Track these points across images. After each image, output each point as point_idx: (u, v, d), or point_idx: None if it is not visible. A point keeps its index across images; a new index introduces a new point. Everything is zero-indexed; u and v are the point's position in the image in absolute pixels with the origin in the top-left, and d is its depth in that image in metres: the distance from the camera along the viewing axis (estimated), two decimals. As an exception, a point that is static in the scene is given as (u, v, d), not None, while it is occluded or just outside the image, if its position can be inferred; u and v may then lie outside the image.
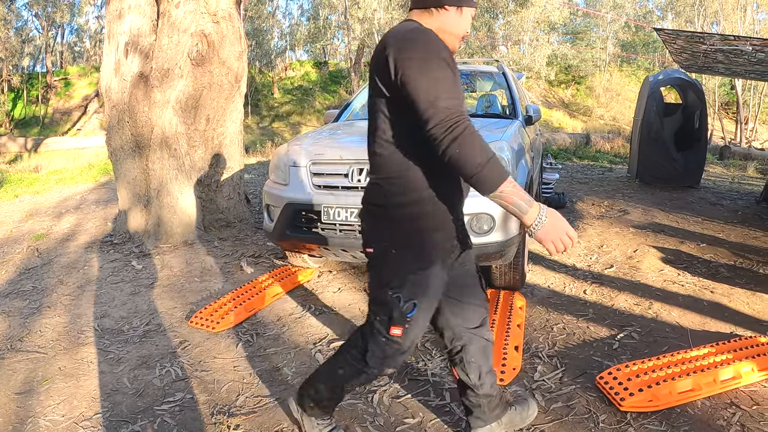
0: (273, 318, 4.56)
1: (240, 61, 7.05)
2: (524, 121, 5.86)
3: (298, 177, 4.75)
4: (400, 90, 2.17)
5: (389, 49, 2.18)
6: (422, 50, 2.14)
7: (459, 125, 2.09)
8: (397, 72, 2.15)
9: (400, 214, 2.35)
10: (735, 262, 6.13)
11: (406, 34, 2.22)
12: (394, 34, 2.24)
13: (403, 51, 2.16)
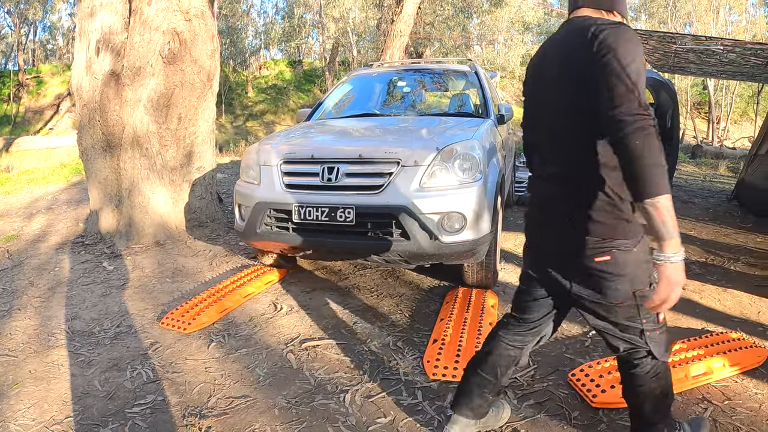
0: (245, 318, 4.54)
1: (212, 59, 7.00)
2: (496, 121, 5.85)
3: (269, 176, 4.74)
4: (596, 80, 2.10)
5: (604, 43, 2.10)
6: (635, 48, 2.10)
7: (649, 120, 2.01)
8: (605, 62, 2.07)
9: (620, 214, 2.29)
10: (706, 260, 6.20)
11: (616, 28, 2.14)
12: (602, 29, 2.14)
13: (620, 44, 2.08)
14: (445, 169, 4.39)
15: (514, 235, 7.05)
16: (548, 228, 2.50)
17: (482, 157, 4.55)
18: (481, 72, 6.61)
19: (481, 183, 4.43)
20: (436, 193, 4.29)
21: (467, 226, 4.30)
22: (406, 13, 13.67)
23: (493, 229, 4.64)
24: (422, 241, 4.23)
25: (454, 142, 4.55)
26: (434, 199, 4.26)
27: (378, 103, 6.83)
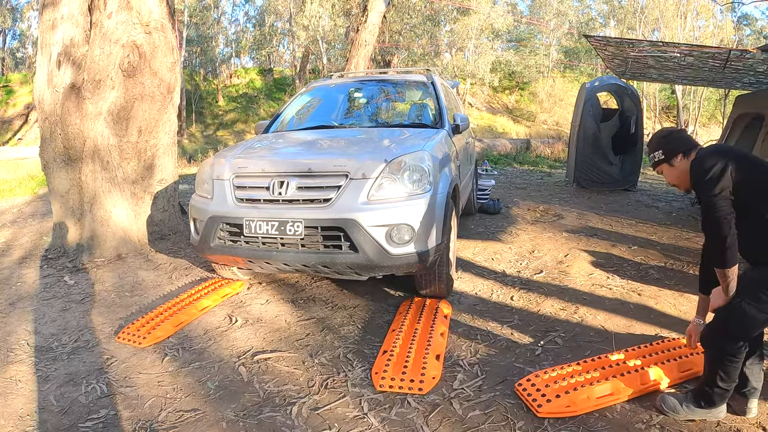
0: (200, 332, 4.53)
1: (172, 72, 7.01)
2: (451, 130, 5.91)
3: (221, 190, 4.76)
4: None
5: None
6: None
7: None
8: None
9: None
10: (665, 264, 6.23)
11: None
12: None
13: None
14: (393, 181, 4.42)
15: (474, 243, 7.07)
16: None
17: (431, 168, 4.57)
18: (437, 82, 6.61)
19: (430, 194, 4.46)
20: (384, 206, 4.31)
21: (416, 237, 4.33)
22: (371, 23, 13.70)
23: (444, 240, 4.66)
24: (370, 253, 4.24)
25: (403, 154, 4.58)
26: (382, 211, 4.28)
27: (335, 115, 6.80)
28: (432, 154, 4.76)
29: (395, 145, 4.91)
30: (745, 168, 2.84)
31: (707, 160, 2.88)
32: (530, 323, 4.57)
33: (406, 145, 4.89)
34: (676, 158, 3.10)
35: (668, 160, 3.13)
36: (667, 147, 3.13)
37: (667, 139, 3.16)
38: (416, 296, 5.06)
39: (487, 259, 6.40)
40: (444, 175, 4.89)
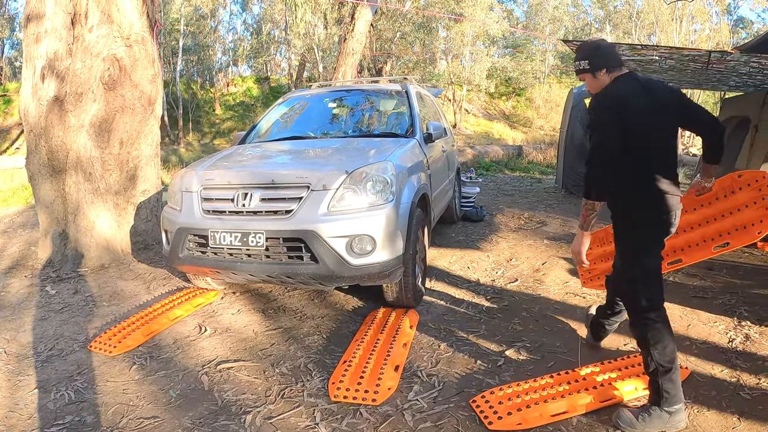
0: (169, 341, 4.55)
1: (153, 84, 7.06)
2: (423, 139, 5.92)
3: (189, 202, 4.81)
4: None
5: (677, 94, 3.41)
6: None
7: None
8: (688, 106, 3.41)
9: None
10: (647, 273, 6.20)
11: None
12: (667, 87, 3.40)
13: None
14: (354, 192, 4.43)
15: (451, 252, 7.03)
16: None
17: (394, 178, 4.60)
18: (412, 91, 6.60)
19: (392, 205, 4.48)
20: (344, 217, 4.33)
21: (377, 248, 4.34)
22: (358, 31, 13.65)
23: (410, 250, 4.69)
24: (330, 263, 4.25)
25: (365, 164, 4.59)
26: (342, 222, 4.30)
27: (308, 126, 6.78)
28: (397, 164, 4.78)
29: (359, 156, 4.92)
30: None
31: (609, 93, 3.17)
32: (497, 333, 4.52)
33: (371, 156, 4.90)
34: (600, 72, 3.22)
35: (593, 71, 3.24)
36: (594, 60, 3.24)
37: (596, 53, 3.26)
38: (384, 306, 5.05)
39: (462, 268, 6.36)
40: (410, 185, 4.89)
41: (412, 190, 4.90)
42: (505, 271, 6.25)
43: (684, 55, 6.67)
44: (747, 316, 4.82)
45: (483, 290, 5.62)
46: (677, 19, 35.63)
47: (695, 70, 7.40)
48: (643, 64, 7.61)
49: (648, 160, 3.15)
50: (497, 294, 5.49)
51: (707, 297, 5.35)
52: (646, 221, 3.20)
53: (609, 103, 3.09)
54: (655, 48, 6.77)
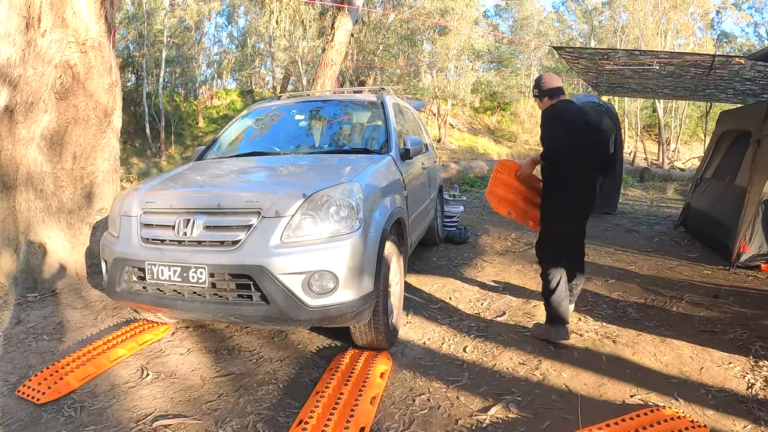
0: (106, 387, 3.96)
1: (110, 93, 6.56)
2: (399, 156, 5.31)
3: (127, 228, 4.19)
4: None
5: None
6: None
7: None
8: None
9: None
10: (645, 300, 5.59)
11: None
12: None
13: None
14: (312, 219, 3.80)
15: (432, 280, 6.41)
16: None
17: (361, 202, 3.95)
18: (388, 103, 5.97)
19: (359, 234, 3.84)
20: (300, 249, 3.70)
21: (340, 286, 3.70)
22: (337, 41, 13.14)
23: (381, 286, 4.06)
24: (283, 305, 3.64)
25: (327, 187, 3.95)
26: (297, 255, 3.67)
27: (272, 140, 6.15)
28: (366, 185, 4.14)
29: (322, 176, 4.31)
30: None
31: (554, 111, 4.61)
32: (482, 382, 3.87)
33: (335, 176, 4.27)
34: (545, 98, 4.71)
35: (541, 98, 4.75)
36: (541, 90, 4.73)
37: (543, 85, 4.73)
38: (354, 348, 4.38)
39: (444, 299, 5.71)
40: (381, 209, 4.27)
41: (384, 215, 4.28)
42: (492, 302, 5.61)
43: (685, 61, 6.06)
44: (763, 353, 4.27)
45: (467, 326, 4.97)
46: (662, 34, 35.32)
47: (695, 75, 6.80)
48: (640, 71, 6.99)
49: (574, 160, 4.48)
50: (482, 331, 4.85)
51: (717, 331, 4.77)
52: (562, 201, 4.60)
53: (556, 113, 4.59)
54: (654, 54, 6.16)
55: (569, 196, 4.53)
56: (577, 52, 6.89)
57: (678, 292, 5.81)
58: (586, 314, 5.14)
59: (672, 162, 29.84)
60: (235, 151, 5.88)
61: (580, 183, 4.54)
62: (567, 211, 4.60)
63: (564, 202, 4.56)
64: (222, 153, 5.84)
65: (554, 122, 4.53)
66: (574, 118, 4.60)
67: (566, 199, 4.54)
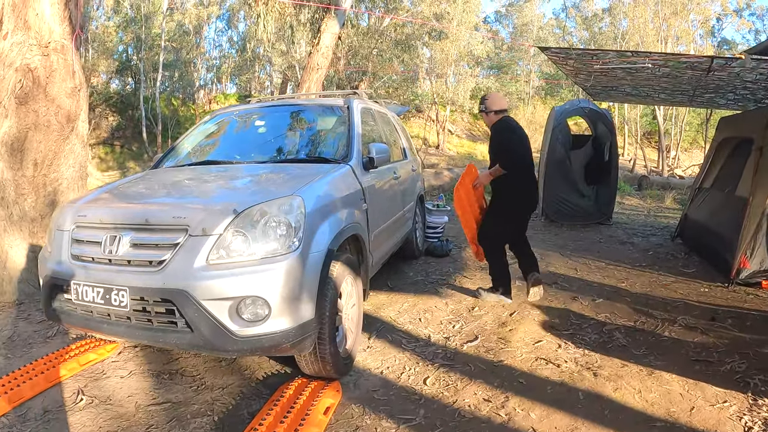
0: (38, 411, 3.65)
1: (73, 98, 6.32)
2: (362, 165, 4.86)
3: (59, 244, 3.88)
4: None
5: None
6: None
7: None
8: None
9: None
10: (635, 323, 5.07)
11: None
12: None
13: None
14: (243, 238, 3.38)
15: (404, 298, 5.91)
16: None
17: (302, 218, 3.54)
18: (355, 107, 5.50)
19: (297, 255, 3.42)
20: (228, 272, 3.28)
21: (273, 313, 3.28)
22: (323, 45, 12.72)
23: (327, 311, 3.61)
24: (208, 333, 3.23)
25: (262, 201, 3.52)
26: (224, 279, 3.25)
27: (228, 148, 5.74)
28: (310, 199, 3.71)
29: (263, 189, 3.93)
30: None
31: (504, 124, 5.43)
32: (438, 422, 3.37)
33: (278, 188, 3.85)
34: (491, 113, 5.45)
35: (487, 112, 5.49)
36: (487, 105, 5.46)
37: (489, 102, 5.46)
38: (302, 377, 3.92)
39: (413, 320, 5.22)
40: (330, 225, 3.83)
41: (333, 232, 3.83)
42: (465, 324, 5.10)
43: (680, 62, 5.59)
44: (763, 389, 3.74)
45: (432, 353, 4.46)
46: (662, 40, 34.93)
47: (693, 77, 6.33)
48: (633, 72, 6.51)
49: (521, 168, 5.34)
50: (449, 359, 4.34)
51: (712, 361, 4.24)
52: (510, 201, 5.42)
53: (508, 125, 5.40)
54: (647, 55, 5.68)
55: (523, 197, 5.51)
56: (564, 53, 6.40)
57: (671, 313, 5.31)
58: (567, 340, 4.63)
59: (672, 169, 29.46)
60: (189, 159, 5.44)
61: (531, 185, 5.61)
62: (520, 209, 5.60)
63: (518, 201, 5.50)
64: (177, 161, 5.42)
65: (509, 134, 5.39)
66: (520, 128, 5.51)
67: (520, 199, 5.50)
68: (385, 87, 29.70)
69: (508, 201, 5.48)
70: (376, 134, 6.00)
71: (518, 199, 5.47)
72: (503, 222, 5.56)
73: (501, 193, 5.53)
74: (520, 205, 5.54)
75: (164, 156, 5.57)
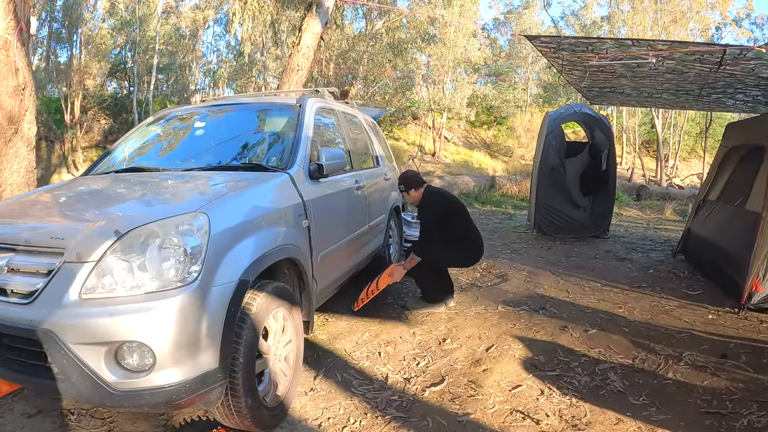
0: None
1: (16, 98, 6.02)
2: (308, 174, 4.15)
3: None
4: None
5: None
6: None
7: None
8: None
9: None
10: (634, 361, 4.28)
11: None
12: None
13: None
14: (126, 267, 2.66)
15: (366, 324, 5.15)
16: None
17: (205, 242, 2.80)
18: (308, 107, 4.75)
19: (193, 289, 2.67)
20: (103, 310, 2.57)
21: (159, 363, 2.58)
22: (304, 45, 11.99)
23: (240, 356, 2.92)
24: (80, 384, 2.57)
25: (154, 220, 2.81)
26: (98, 319, 2.55)
27: (160, 153, 4.99)
28: (220, 217, 2.99)
29: (162, 203, 3.25)
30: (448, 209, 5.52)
31: (431, 197, 5.54)
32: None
33: (178, 203, 3.18)
34: (411, 190, 5.54)
35: (407, 191, 5.57)
36: (407, 184, 5.56)
37: (407, 180, 5.57)
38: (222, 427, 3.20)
39: (372, 354, 4.44)
40: (247, 249, 3.09)
41: (251, 258, 3.08)
42: (431, 360, 4.32)
43: (688, 54, 4.84)
44: None
45: (385, 400, 3.68)
46: (677, 43, 34.63)
47: (701, 73, 5.58)
48: (634, 68, 5.79)
49: (458, 230, 5.49)
50: (404, 409, 3.56)
51: (725, 413, 3.47)
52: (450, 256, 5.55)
53: (438, 201, 5.55)
54: (650, 45, 4.94)
55: (464, 252, 5.61)
56: (556, 42, 5.65)
57: (676, 347, 4.54)
58: (552, 384, 3.84)
59: (670, 179, 29.17)
60: (118, 165, 4.70)
61: (467, 252, 5.63)
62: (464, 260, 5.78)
63: (459, 257, 5.66)
64: (106, 167, 4.71)
65: (426, 212, 5.54)
66: (444, 198, 5.66)
67: (461, 255, 5.63)
68: (381, 93, 29.13)
69: (449, 256, 5.58)
70: (338, 138, 5.33)
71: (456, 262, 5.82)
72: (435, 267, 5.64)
73: (445, 248, 5.51)
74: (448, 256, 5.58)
75: (98, 161, 4.87)
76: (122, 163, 4.71)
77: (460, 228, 5.48)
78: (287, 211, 3.64)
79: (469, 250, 5.57)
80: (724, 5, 33.73)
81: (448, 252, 5.46)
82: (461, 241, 5.49)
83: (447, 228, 5.39)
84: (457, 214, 5.51)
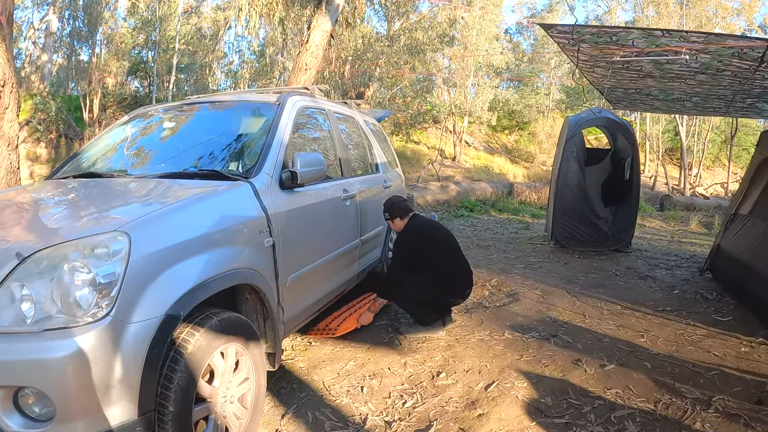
0: None
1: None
2: (279, 182, 3.64)
3: None
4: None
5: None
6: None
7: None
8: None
9: None
10: (656, 406, 3.67)
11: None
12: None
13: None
14: (28, 297, 2.20)
15: (352, 351, 4.61)
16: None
17: (121, 269, 2.32)
18: (287, 107, 4.21)
19: (102, 327, 2.21)
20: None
21: (59, 415, 2.14)
22: (313, 43, 11.54)
23: (169, 404, 2.42)
24: None
25: (64, 241, 2.34)
26: None
27: (123, 156, 4.46)
28: (146, 237, 2.50)
29: (83, 219, 2.75)
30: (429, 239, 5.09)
31: (412, 229, 5.10)
32: None
33: (98, 220, 2.69)
34: (396, 219, 5.15)
35: (392, 219, 5.19)
36: (392, 212, 5.18)
37: (392, 208, 5.17)
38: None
39: (353, 389, 3.88)
40: (180, 277, 2.58)
41: (186, 286, 2.57)
42: (420, 399, 3.74)
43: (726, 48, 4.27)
44: None
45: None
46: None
47: (737, 74, 4.99)
48: (664, 64, 5.20)
49: (443, 263, 5.01)
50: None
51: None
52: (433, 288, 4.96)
53: (417, 233, 5.08)
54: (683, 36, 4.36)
55: (446, 284, 5.07)
56: (577, 33, 5.04)
57: (704, 389, 3.92)
58: (560, 433, 3.27)
59: (694, 187, 28.53)
60: (78, 169, 4.22)
61: (455, 270, 5.16)
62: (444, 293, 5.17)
63: (428, 290, 5.01)
64: (68, 171, 4.24)
65: (402, 246, 5.08)
66: (427, 231, 5.19)
67: (442, 287, 5.06)
68: (402, 95, 28.68)
69: (432, 290, 5.04)
70: (327, 142, 4.82)
71: (441, 289, 5.10)
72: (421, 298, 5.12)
73: (424, 278, 5.04)
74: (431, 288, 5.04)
75: (63, 164, 4.41)
76: (84, 166, 4.23)
77: (438, 259, 4.98)
78: (243, 228, 3.12)
79: (440, 283, 4.95)
80: (749, 11, 33.24)
81: (415, 283, 4.93)
82: (434, 273, 4.94)
83: (422, 259, 4.96)
84: (440, 246, 5.07)
